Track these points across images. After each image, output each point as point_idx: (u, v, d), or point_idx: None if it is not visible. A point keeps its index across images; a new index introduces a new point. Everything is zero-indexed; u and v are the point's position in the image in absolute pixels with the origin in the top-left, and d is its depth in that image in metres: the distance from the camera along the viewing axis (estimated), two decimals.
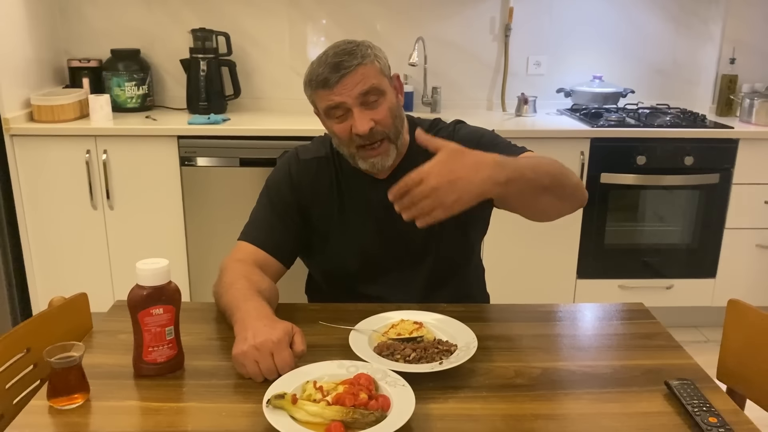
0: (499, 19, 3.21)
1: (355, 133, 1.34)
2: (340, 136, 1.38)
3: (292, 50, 3.17)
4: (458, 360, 1.12)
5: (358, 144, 1.37)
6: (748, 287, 2.97)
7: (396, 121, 1.39)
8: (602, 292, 2.94)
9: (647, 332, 1.30)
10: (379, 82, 1.35)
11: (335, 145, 1.45)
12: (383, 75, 1.37)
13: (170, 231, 2.76)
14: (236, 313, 1.19)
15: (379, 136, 1.36)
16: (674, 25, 3.27)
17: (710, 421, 0.97)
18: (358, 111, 1.33)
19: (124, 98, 3.00)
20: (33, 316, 1.26)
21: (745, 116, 3.01)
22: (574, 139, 2.78)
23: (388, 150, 1.39)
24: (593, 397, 1.07)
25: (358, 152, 1.39)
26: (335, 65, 1.32)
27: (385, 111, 1.36)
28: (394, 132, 1.39)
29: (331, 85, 1.33)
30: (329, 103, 1.35)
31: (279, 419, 0.95)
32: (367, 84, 1.33)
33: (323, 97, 1.35)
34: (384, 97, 1.36)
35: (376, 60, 1.37)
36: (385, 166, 1.40)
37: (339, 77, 1.32)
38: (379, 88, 1.35)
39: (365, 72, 1.34)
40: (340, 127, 1.36)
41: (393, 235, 1.47)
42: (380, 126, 1.36)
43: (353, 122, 1.34)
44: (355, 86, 1.32)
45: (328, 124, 1.40)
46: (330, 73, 1.32)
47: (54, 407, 1.02)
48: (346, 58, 1.33)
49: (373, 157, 1.38)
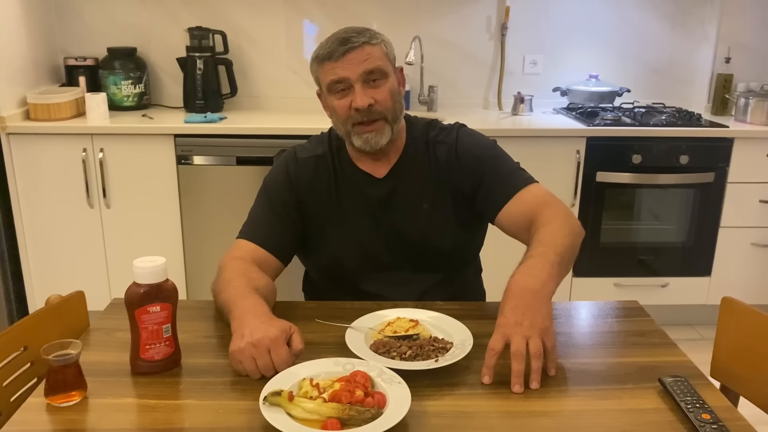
0: (496, 18, 3.22)
1: (354, 107, 1.37)
2: (339, 111, 1.40)
3: (288, 49, 3.17)
4: (454, 357, 1.13)
5: (355, 121, 1.39)
6: (742, 285, 2.99)
7: (395, 105, 1.42)
8: (598, 290, 2.95)
9: (642, 330, 1.31)
10: (384, 65, 1.39)
11: (333, 126, 1.47)
12: (388, 60, 1.41)
13: (167, 229, 2.76)
14: (234, 310, 1.19)
15: (377, 115, 1.39)
16: (670, 24, 3.28)
17: (703, 417, 0.98)
18: (359, 87, 1.36)
19: (121, 97, 3.00)
20: (30, 314, 1.26)
21: (740, 115, 3.03)
22: (570, 137, 2.78)
23: (383, 129, 1.41)
24: (588, 394, 1.08)
25: (353, 129, 1.40)
26: (343, 40, 1.36)
27: (386, 92, 1.39)
28: (392, 114, 1.41)
29: (337, 57, 1.35)
30: (333, 77, 1.37)
31: (276, 416, 0.95)
32: (372, 64, 1.36)
33: (328, 70, 1.37)
34: (387, 80, 1.39)
35: (383, 44, 1.41)
36: (378, 143, 1.41)
37: (345, 50, 1.35)
38: (383, 70, 1.38)
39: (371, 51, 1.37)
40: (340, 103, 1.39)
41: (390, 232, 1.48)
42: (379, 106, 1.38)
43: (353, 97, 1.36)
44: (360, 63, 1.35)
45: (329, 100, 1.41)
46: (337, 46, 1.36)
47: (51, 405, 1.02)
48: (354, 35, 1.37)
49: (368, 132, 1.40)
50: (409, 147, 1.49)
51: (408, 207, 1.48)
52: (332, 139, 1.51)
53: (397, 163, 1.48)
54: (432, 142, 1.50)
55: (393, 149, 1.48)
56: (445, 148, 1.48)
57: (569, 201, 2.82)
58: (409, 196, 1.48)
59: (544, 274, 1.17)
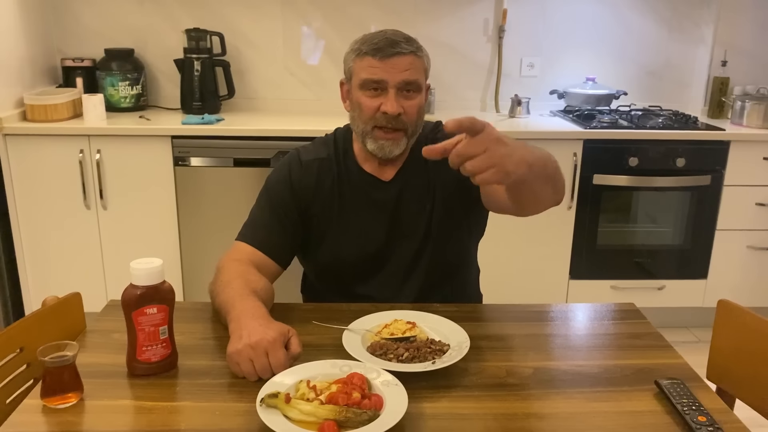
0: (493, 21, 3.22)
1: (383, 111, 1.37)
2: (365, 110, 1.40)
3: (286, 51, 3.17)
4: (451, 359, 1.13)
5: (378, 124, 1.39)
6: (738, 288, 2.99)
7: (418, 120, 1.43)
8: (594, 293, 2.95)
9: (638, 332, 1.31)
10: (421, 80, 1.40)
11: (350, 120, 1.46)
12: (425, 76, 1.43)
13: (164, 231, 2.76)
14: (232, 311, 1.19)
15: (401, 125, 1.40)
16: (667, 27, 3.29)
17: (699, 420, 0.98)
18: (393, 93, 1.37)
19: (118, 98, 2.99)
20: (26, 316, 1.26)
21: (736, 118, 3.03)
22: (567, 140, 2.79)
23: (401, 140, 1.42)
24: (584, 397, 1.08)
25: (372, 131, 1.41)
26: (393, 42, 1.36)
27: (415, 107, 1.40)
28: (413, 129, 1.42)
29: (382, 57, 1.36)
30: (371, 76, 1.37)
31: (272, 418, 0.95)
32: (413, 75, 1.38)
33: (367, 65, 1.37)
34: (419, 95, 1.41)
35: (425, 59, 1.42)
36: (392, 153, 1.42)
37: (393, 52, 1.35)
38: (419, 84, 1.40)
39: (415, 63, 1.38)
40: (369, 102, 1.39)
41: (393, 236, 1.48)
42: (406, 117, 1.39)
43: (384, 101, 1.37)
44: (403, 71, 1.36)
45: (357, 94, 1.41)
46: (386, 46, 1.36)
47: (47, 406, 1.02)
48: (403, 41, 1.37)
49: (385, 139, 1.40)
50: (414, 150, 1.49)
51: (413, 210, 1.48)
52: (338, 141, 1.51)
53: (403, 166, 1.49)
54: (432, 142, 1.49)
55: (400, 153, 1.48)
56: None
57: (566, 203, 2.83)
58: (414, 198, 1.48)
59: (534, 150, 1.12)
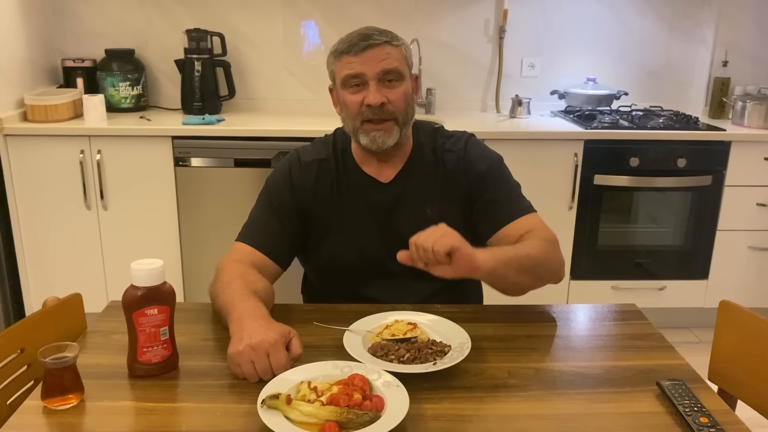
0: (494, 21, 3.22)
1: (366, 103, 1.37)
2: (350, 106, 1.40)
3: (286, 51, 3.17)
4: (452, 360, 1.13)
5: (364, 118, 1.39)
6: (740, 289, 2.99)
7: (407, 109, 1.42)
8: (595, 293, 2.95)
9: (639, 333, 1.31)
10: (402, 68, 1.39)
11: (342, 122, 1.46)
12: (406, 64, 1.42)
13: (164, 231, 2.76)
14: (232, 312, 1.19)
15: (388, 115, 1.39)
16: (667, 27, 3.29)
17: (701, 421, 0.98)
18: (374, 84, 1.37)
19: (119, 98, 2.99)
20: (27, 317, 1.26)
21: (737, 119, 3.03)
22: (567, 140, 2.79)
23: (392, 130, 1.41)
24: (586, 398, 1.08)
25: (362, 126, 1.40)
26: (364, 36, 1.37)
27: (400, 93, 1.39)
28: (403, 117, 1.41)
29: (356, 52, 1.36)
30: (349, 71, 1.37)
31: (273, 419, 0.95)
32: (391, 64, 1.37)
33: (345, 63, 1.38)
34: (402, 82, 1.40)
35: (403, 47, 1.42)
36: (385, 143, 1.41)
37: (366, 46, 1.36)
38: (400, 71, 1.39)
39: (391, 52, 1.38)
40: (353, 98, 1.39)
41: (393, 237, 1.47)
42: (392, 106, 1.39)
43: (367, 94, 1.37)
44: (379, 62, 1.36)
45: (342, 94, 1.41)
46: (358, 41, 1.36)
47: (48, 407, 1.02)
48: (376, 33, 1.38)
49: (376, 131, 1.40)
50: (416, 153, 1.49)
51: (412, 213, 1.47)
52: (337, 142, 1.51)
53: (403, 168, 1.48)
54: (440, 150, 1.50)
55: (399, 154, 1.48)
56: (454, 157, 1.49)
57: (567, 204, 2.83)
58: (415, 201, 1.48)
59: (486, 253, 1.24)
